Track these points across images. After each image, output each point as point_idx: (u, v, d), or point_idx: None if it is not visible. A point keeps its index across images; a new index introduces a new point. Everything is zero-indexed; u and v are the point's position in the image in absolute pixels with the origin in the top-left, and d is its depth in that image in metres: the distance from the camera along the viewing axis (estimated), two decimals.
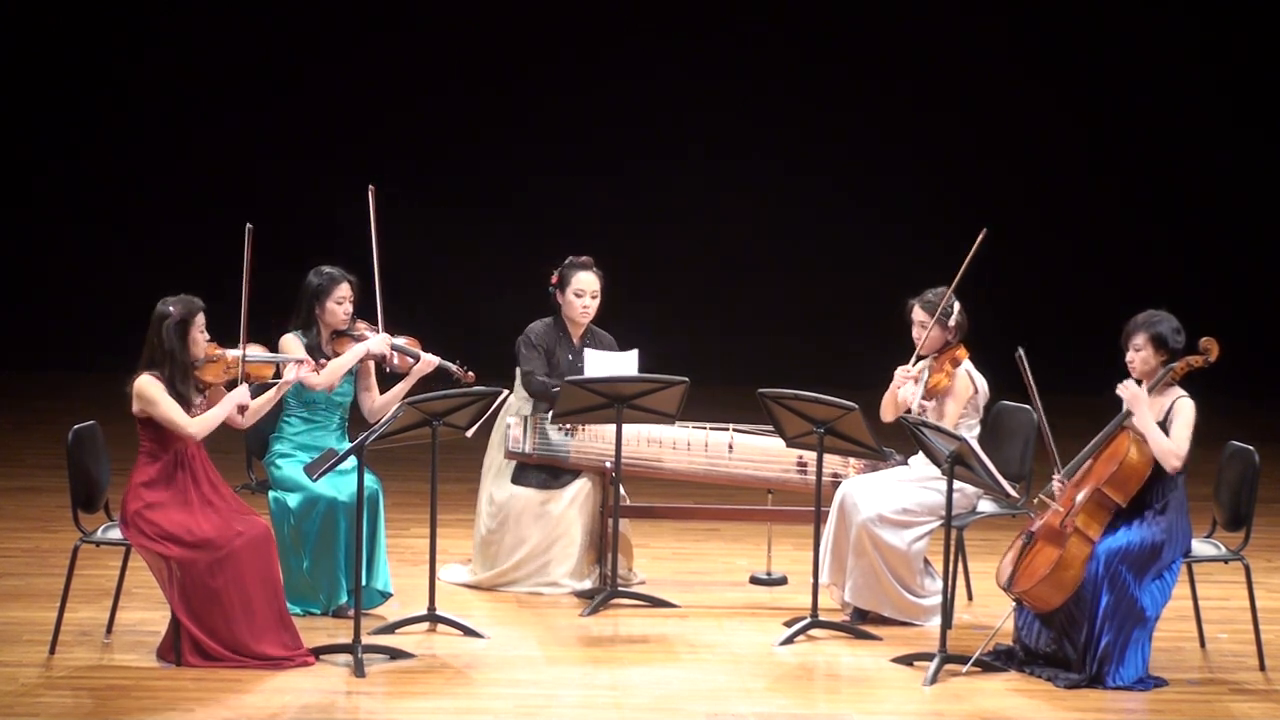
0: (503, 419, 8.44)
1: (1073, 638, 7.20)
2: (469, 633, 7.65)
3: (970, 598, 8.46)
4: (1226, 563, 7.60)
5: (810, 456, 8.19)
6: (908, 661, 7.41)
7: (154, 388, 7.09)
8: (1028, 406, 7.51)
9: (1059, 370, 12.57)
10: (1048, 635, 7.29)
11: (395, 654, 7.33)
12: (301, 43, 14.57)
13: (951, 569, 7.51)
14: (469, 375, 8.02)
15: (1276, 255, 14.73)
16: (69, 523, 7.48)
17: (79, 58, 14.53)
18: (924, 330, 8.01)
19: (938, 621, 7.51)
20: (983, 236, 7.77)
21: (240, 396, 7.28)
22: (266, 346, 7.62)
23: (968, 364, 8.03)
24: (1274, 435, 11.27)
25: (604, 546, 8.39)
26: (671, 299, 14.54)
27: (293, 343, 7.90)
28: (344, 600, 7.79)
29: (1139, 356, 7.30)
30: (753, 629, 7.95)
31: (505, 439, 8.43)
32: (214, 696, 6.80)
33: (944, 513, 7.45)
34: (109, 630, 7.53)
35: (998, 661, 7.37)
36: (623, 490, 8.42)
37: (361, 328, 8.01)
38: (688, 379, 8.15)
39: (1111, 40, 14.74)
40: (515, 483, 8.45)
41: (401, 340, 8.05)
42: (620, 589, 8.27)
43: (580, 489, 8.45)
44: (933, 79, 14.68)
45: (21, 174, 14.62)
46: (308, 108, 14.62)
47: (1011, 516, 8.23)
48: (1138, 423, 7.23)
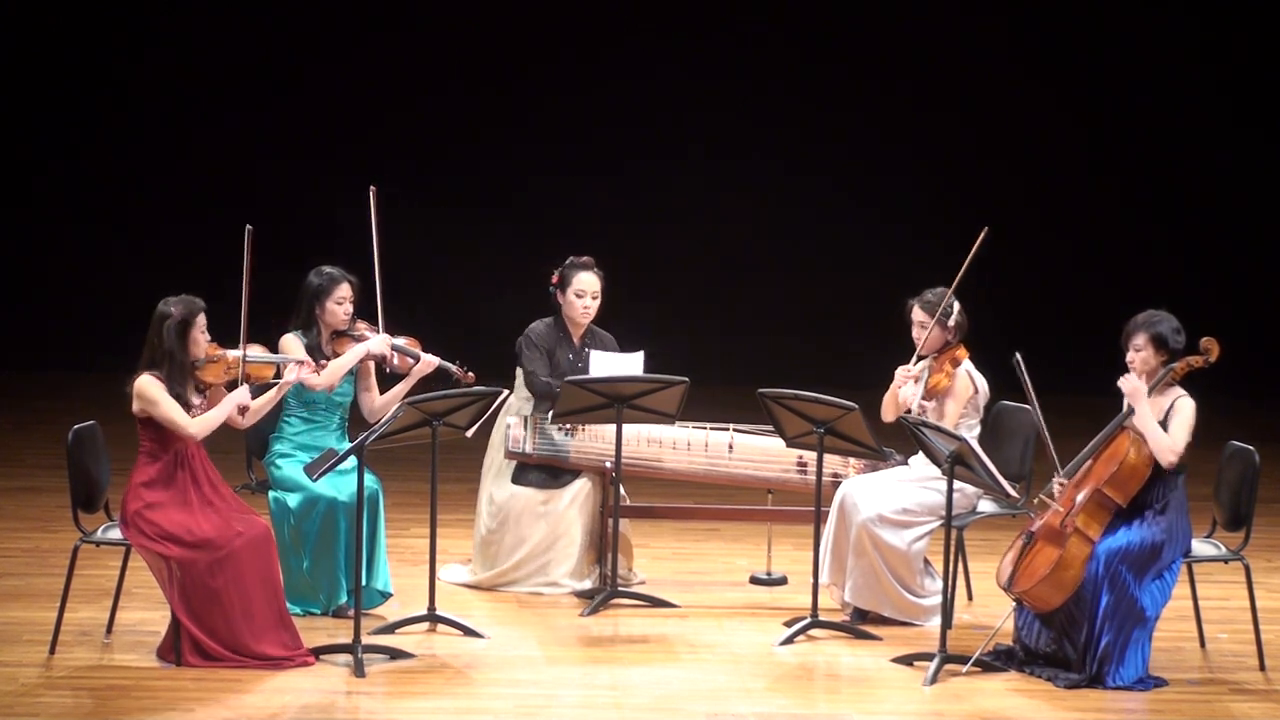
0: (503, 419, 8.44)
1: (1073, 638, 7.20)
2: (469, 633, 7.65)
3: (970, 598, 8.45)
4: (1226, 563, 7.60)
5: (810, 456, 8.19)
6: (908, 661, 7.41)
7: (154, 388, 7.09)
8: (1028, 407, 7.50)
9: (1059, 370, 12.58)
10: (1048, 635, 7.28)
11: (395, 654, 7.32)
12: (301, 43, 14.56)
13: (951, 569, 7.50)
14: (469, 376, 8.02)
15: (1276, 255, 14.72)
16: (69, 523, 7.48)
17: (79, 58, 14.52)
18: (924, 330, 8.01)
19: (938, 621, 7.51)
20: (984, 236, 7.77)
21: (241, 397, 7.28)
22: (266, 347, 7.62)
23: (968, 364, 8.02)
24: (1274, 435, 11.26)
25: (604, 546, 8.39)
26: (671, 299, 14.53)
27: (293, 343, 7.89)
28: (344, 600, 7.79)
29: (1139, 357, 7.29)
30: (753, 629, 7.94)
31: (505, 439, 8.42)
32: (214, 696, 6.80)
33: (944, 513, 7.45)
34: (109, 630, 7.53)
35: (998, 661, 7.37)
36: (623, 490, 8.42)
37: (362, 328, 8.01)
38: (688, 379, 8.15)
39: (1111, 40, 14.73)
40: (515, 482, 8.45)
41: (401, 340, 8.05)
42: (620, 589, 8.27)
43: (580, 489, 8.45)
44: (933, 79, 14.67)
45: (21, 174, 14.61)
46: (308, 108, 14.62)
47: (1011, 516, 8.23)
48: (1137, 419, 7.23)
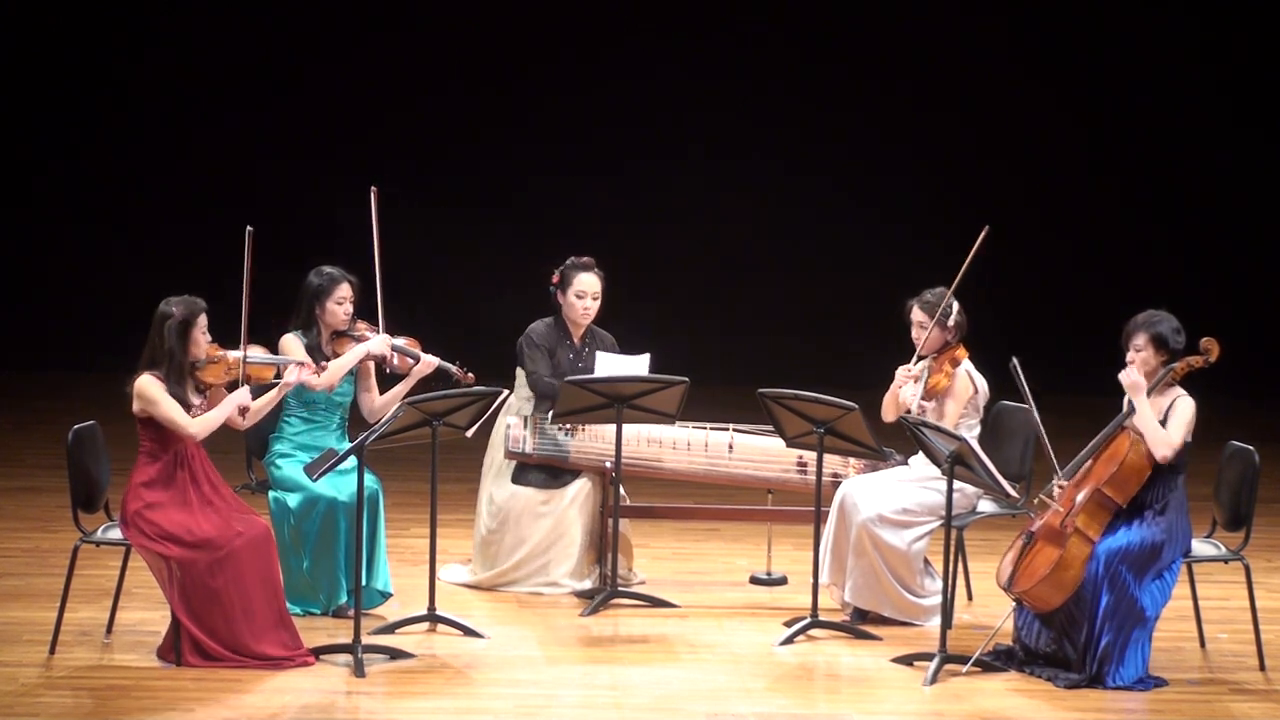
0: (503, 419, 8.44)
1: (1073, 638, 7.20)
2: (469, 633, 7.65)
3: (970, 598, 8.45)
4: (1226, 563, 7.60)
5: (810, 456, 8.19)
6: (908, 661, 7.41)
7: (154, 387, 7.09)
8: (1027, 406, 7.50)
9: (1059, 370, 12.62)
10: (1048, 635, 7.28)
11: (395, 654, 7.32)
12: (301, 43, 14.56)
13: (951, 569, 7.50)
14: (469, 376, 8.02)
15: (1276, 255, 14.72)
16: (69, 523, 7.48)
17: (79, 58, 14.52)
18: (923, 331, 8.01)
19: (938, 621, 7.50)
20: (984, 235, 7.77)
21: (241, 398, 7.28)
22: (266, 347, 7.62)
23: (967, 364, 8.02)
24: (1274, 435, 11.26)
25: (604, 546, 8.38)
26: (671, 299, 14.53)
27: (293, 343, 7.89)
28: (344, 600, 7.79)
29: (1139, 357, 7.29)
30: (753, 629, 7.94)
31: (505, 439, 8.42)
32: (214, 696, 6.80)
33: (944, 513, 7.45)
34: (109, 630, 7.53)
35: (998, 661, 7.37)
36: (623, 490, 8.42)
37: (362, 328, 8.01)
38: (688, 379, 8.15)
39: (1111, 40, 14.73)
40: (516, 482, 8.45)
41: (401, 341, 8.04)
42: (620, 589, 8.26)
43: (580, 489, 8.45)
44: (933, 79, 14.67)
45: (21, 174, 14.61)
46: (308, 108, 14.62)
47: (1011, 516, 8.23)
48: (1137, 418, 7.23)
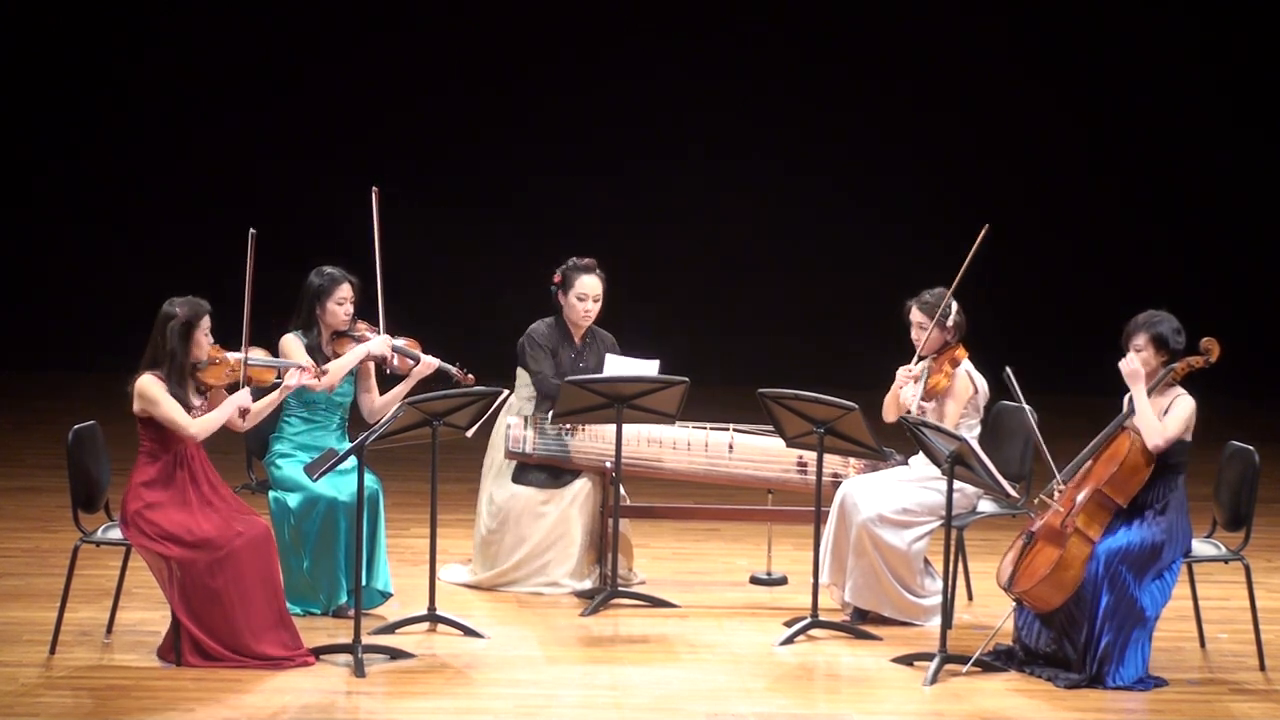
0: (503, 419, 8.44)
1: (1073, 638, 7.20)
2: (469, 633, 7.65)
3: (970, 598, 8.45)
4: (1226, 563, 7.60)
5: (810, 456, 8.19)
6: (908, 661, 7.41)
7: (155, 387, 7.09)
8: (1027, 407, 7.49)
9: (1059, 370, 12.62)
10: (1048, 635, 7.28)
11: (395, 654, 7.32)
12: (301, 43, 14.56)
13: (951, 569, 7.50)
14: (469, 377, 8.01)
15: (1276, 255, 14.72)
16: (69, 523, 7.48)
17: (79, 58, 14.52)
18: (923, 331, 8.00)
19: (938, 621, 7.50)
20: (984, 233, 7.77)
21: (242, 400, 7.28)
22: (267, 347, 7.61)
23: (967, 364, 8.02)
24: (1274, 435, 11.26)
25: (604, 546, 8.38)
26: (671, 299, 14.53)
27: (293, 343, 7.89)
28: (344, 600, 7.79)
29: (1140, 357, 7.29)
30: (753, 629, 7.94)
31: (506, 439, 8.42)
32: (214, 696, 6.80)
33: (944, 513, 7.45)
34: (109, 630, 7.52)
35: (998, 661, 7.37)
36: (623, 490, 8.42)
37: (362, 328, 8.01)
38: (688, 379, 8.15)
39: (1111, 40, 14.73)
40: (516, 482, 8.45)
41: (402, 342, 8.04)
42: (620, 589, 8.26)
43: (580, 489, 8.45)
44: (933, 79, 14.67)
45: (21, 174, 14.61)
46: (308, 108, 14.62)
47: (1011, 516, 8.23)
48: (1137, 414, 7.22)
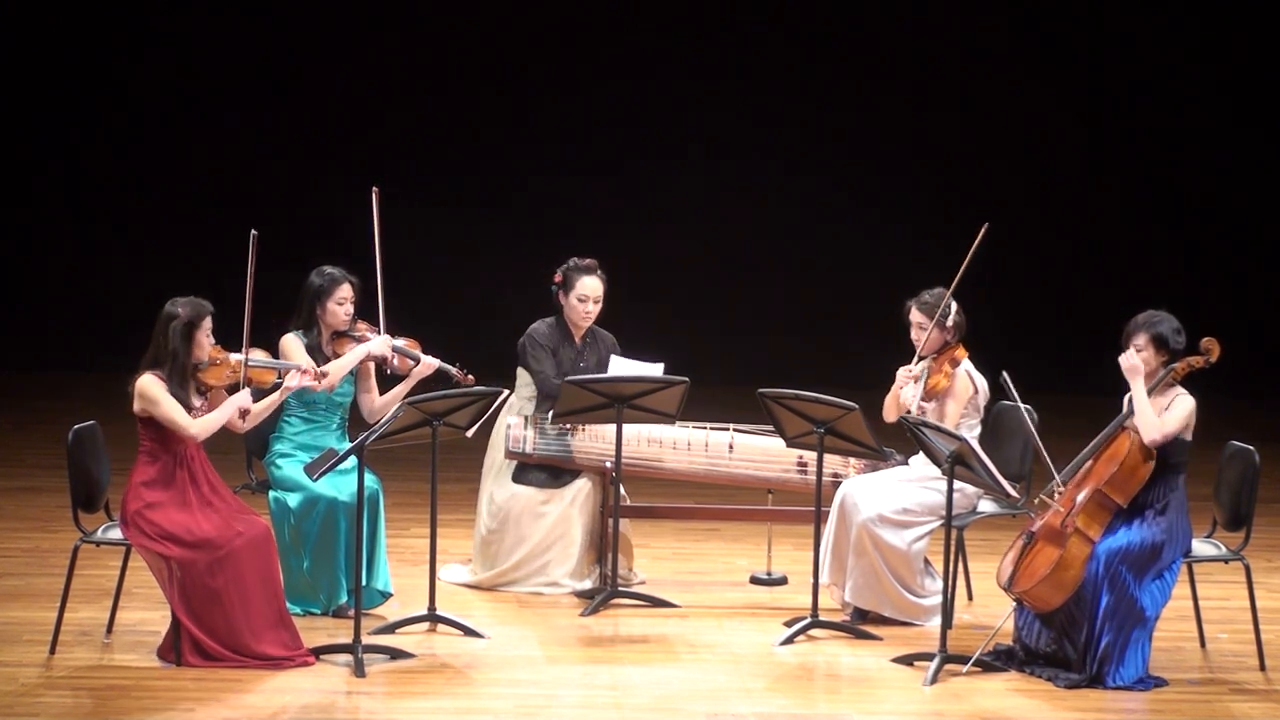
0: (503, 419, 8.44)
1: (1073, 638, 7.20)
2: (469, 633, 7.65)
3: (970, 598, 8.45)
4: (1226, 563, 7.60)
5: (810, 456, 8.19)
6: (908, 661, 7.41)
7: (156, 387, 7.09)
8: (1027, 407, 7.49)
9: (1059, 370, 12.62)
10: (1048, 635, 7.28)
11: (395, 654, 7.32)
12: (301, 43, 14.56)
13: (951, 569, 7.50)
14: (468, 378, 8.01)
15: (1276, 255, 14.72)
16: (69, 523, 7.48)
17: (79, 58, 14.52)
18: (922, 332, 8.00)
19: (938, 621, 7.50)
20: (984, 232, 7.76)
21: (242, 400, 7.28)
22: (267, 346, 7.61)
23: (967, 364, 8.02)
24: (1274, 435, 11.26)
25: (604, 546, 8.38)
26: (671, 299, 14.53)
27: (293, 343, 7.89)
28: (344, 600, 7.79)
29: (1140, 357, 7.29)
30: (753, 629, 7.94)
31: (506, 439, 8.42)
32: (214, 696, 6.80)
33: (944, 513, 7.45)
34: (109, 630, 7.53)
35: (998, 661, 7.37)
36: (623, 490, 8.42)
37: (362, 329, 8.00)
38: (688, 379, 8.15)
39: (1111, 40, 14.73)
40: (516, 482, 8.44)
41: (402, 342, 8.04)
42: (620, 589, 8.26)
43: (581, 489, 8.45)
44: (933, 79, 14.67)
45: (21, 174, 14.61)
46: (308, 108, 14.62)
47: (1011, 516, 8.23)
48: (1135, 408, 7.22)
